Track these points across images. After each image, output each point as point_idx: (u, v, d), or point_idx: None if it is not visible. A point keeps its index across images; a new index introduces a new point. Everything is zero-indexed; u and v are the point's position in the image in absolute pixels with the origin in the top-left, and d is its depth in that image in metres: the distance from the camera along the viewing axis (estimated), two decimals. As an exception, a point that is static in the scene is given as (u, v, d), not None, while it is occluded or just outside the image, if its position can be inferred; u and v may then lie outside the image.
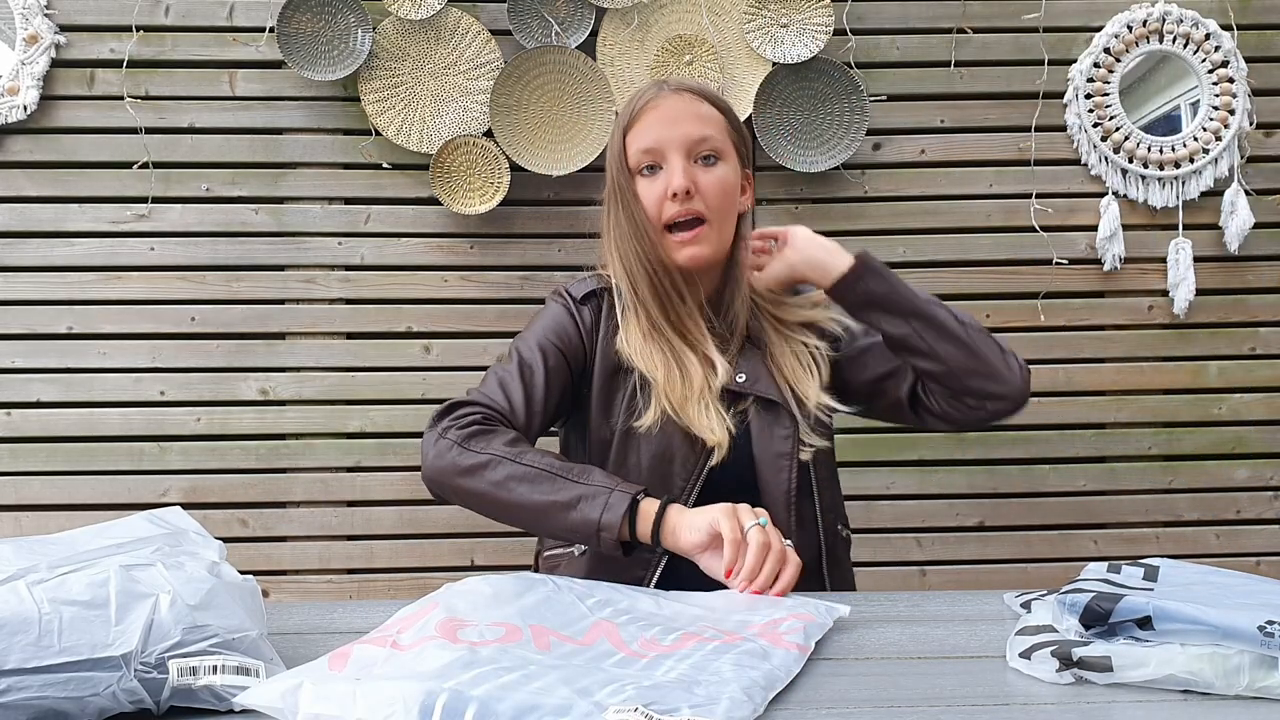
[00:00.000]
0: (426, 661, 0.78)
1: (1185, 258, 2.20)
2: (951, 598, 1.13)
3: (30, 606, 0.76)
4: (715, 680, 0.80)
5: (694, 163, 1.31)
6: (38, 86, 2.14)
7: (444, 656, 0.79)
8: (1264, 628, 0.81)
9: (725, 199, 1.32)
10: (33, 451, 2.17)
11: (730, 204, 1.33)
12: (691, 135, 1.30)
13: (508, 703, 0.72)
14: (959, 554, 2.23)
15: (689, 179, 1.29)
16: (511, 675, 0.77)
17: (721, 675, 0.81)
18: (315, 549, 2.19)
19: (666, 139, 1.30)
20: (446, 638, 0.83)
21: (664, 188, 1.30)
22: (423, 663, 0.78)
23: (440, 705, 0.71)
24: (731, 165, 1.34)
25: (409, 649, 0.81)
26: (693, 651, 0.86)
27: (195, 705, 0.80)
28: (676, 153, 1.30)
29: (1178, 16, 2.19)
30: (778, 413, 1.31)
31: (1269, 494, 2.25)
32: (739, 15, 2.17)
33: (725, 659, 0.85)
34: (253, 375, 2.19)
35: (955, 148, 2.24)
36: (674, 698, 0.75)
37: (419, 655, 0.79)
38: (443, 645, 0.81)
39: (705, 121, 1.32)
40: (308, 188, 2.21)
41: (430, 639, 0.82)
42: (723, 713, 0.74)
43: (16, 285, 2.17)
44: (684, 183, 1.28)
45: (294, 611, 1.10)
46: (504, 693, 0.74)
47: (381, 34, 2.15)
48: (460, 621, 0.86)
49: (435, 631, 0.84)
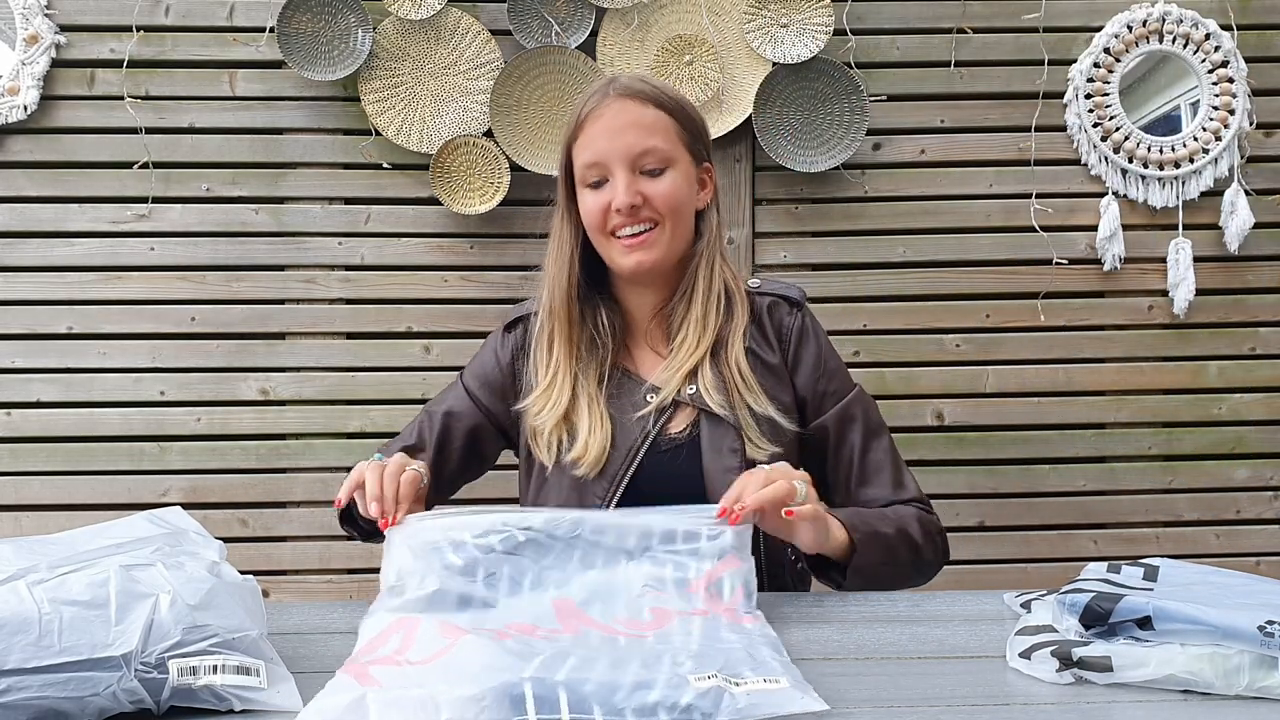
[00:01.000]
0: (472, 661, 0.79)
1: (1185, 258, 2.20)
2: (951, 598, 1.13)
3: (30, 606, 0.76)
4: (742, 649, 0.85)
5: (639, 175, 1.26)
6: (38, 86, 2.14)
7: (484, 654, 0.80)
8: (1264, 628, 0.81)
9: (675, 205, 1.28)
10: (33, 451, 2.17)
11: (682, 209, 1.29)
12: (634, 148, 1.25)
13: (591, 684, 0.75)
14: (959, 554, 2.22)
15: (633, 194, 1.25)
16: (570, 659, 0.79)
17: (734, 644, 0.86)
18: (315, 549, 2.19)
19: (609, 152, 1.26)
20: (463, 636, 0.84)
21: (608, 201, 1.26)
22: (470, 662, 0.79)
23: (530, 695, 0.73)
24: (682, 169, 1.29)
25: (434, 659, 0.81)
26: (681, 626, 0.89)
27: (195, 705, 0.80)
28: (620, 166, 1.25)
29: (1178, 16, 2.19)
30: (726, 426, 1.26)
31: (1269, 494, 2.25)
32: (739, 15, 2.17)
33: (721, 632, 0.88)
34: (253, 375, 2.19)
35: (955, 148, 2.24)
36: (735, 663, 0.81)
37: (456, 658, 0.80)
38: (473, 641, 0.82)
39: (649, 131, 1.26)
40: (308, 188, 2.21)
41: (453, 640, 0.83)
42: (786, 675, 0.80)
43: (16, 285, 2.17)
44: (628, 200, 1.24)
45: (294, 611, 1.10)
46: (583, 674, 0.76)
47: (381, 34, 2.15)
48: (458, 628, 0.87)
49: (447, 638, 0.84)
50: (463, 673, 0.77)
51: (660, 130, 1.27)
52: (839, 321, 2.18)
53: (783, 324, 1.34)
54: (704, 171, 1.34)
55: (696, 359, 1.28)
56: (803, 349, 1.33)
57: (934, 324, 2.23)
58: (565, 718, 0.73)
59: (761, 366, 1.30)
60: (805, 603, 1.13)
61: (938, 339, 2.23)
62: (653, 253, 1.27)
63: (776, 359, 1.32)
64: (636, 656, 0.82)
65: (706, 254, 1.32)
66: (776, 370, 1.31)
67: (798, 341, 1.33)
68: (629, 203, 1.24)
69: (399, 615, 0.90)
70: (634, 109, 1.26)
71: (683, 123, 1.30)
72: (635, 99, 1.27)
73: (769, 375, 1.30)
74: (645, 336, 1.35)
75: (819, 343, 1.35)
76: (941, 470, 2.22)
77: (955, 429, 2.23)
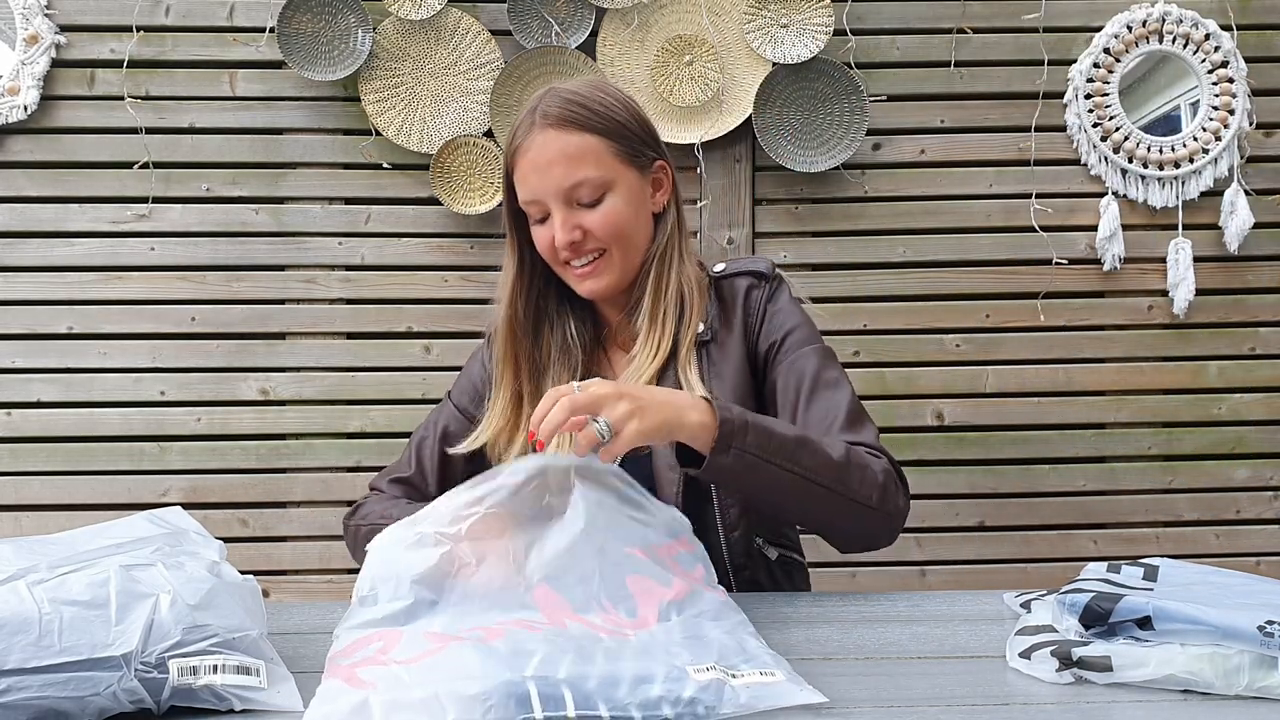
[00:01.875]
0: (468, 661, 0.79)
1: (1185, 258, 2.20)
2: (951, 598, 1.13)
3: (30, 606, 0.76)
4: (731, 640, 0.86)
5: (576, 207, 1.24)
6: (38, 86, 2.14)
7: (477, 655, 0.79)
8: (1264, 628, 0.81)
9: (617, 231, 1.26)
10: (33, 451, 2.17)
11: (627, 231, 1.27)
12: (564, 184, 1.23)
13: (593, 680, 0.75)
14: (959, 554, 2.23)
15: (570, 230, 1.24)
16: (568, 656, 0.79)
17: (720, 636, 0.87)
18: (315, 549, 2.19)
19: (542, 190, 1.24)
20: (450, 642, 0.83)
21: (551, 238, 1.25)
22: (466, 662, 0.79)
23: (535, 694, 0.74)
24: (622, 189, 1.25)
25: (421, 659, 0.80)
26: (662, 627, 0.89)
27: (195, 705, 0.80)
28: (555, 202, 1.24)
29: (1178, 17, 2.19)
30: None
31: (1269, 494, 2.25)
32: (739, 15, 2.17)
33: (704, 625, 0.90)
34: (253, 375, 2.19)
35: (955, 148, 2.24)
36: (728, 654, 0.83)
37: (449, 659, 0.80)
38: (464, 647, 0.81)
39: (577, 162, 1.22)
40: (308, 188, 2.21)
41: (440, 645, 0.82)
42: (778, 668, 0.82)
43: (16, 285, 2.17)
44: (567, 237, 1.23)
45: (294, 611, 1.10)
46: (583, 670, 0.76)
47: (382, 34, 2.15)
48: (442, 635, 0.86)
49: (432, 643, 0.83)
50: (462, 672, 0.77)
51: (590, 157, 1.23)
52: (839, 321, 2.18)
53: (751, 301, 1.31)
54: (657, 171, 1.31)
55: (657, 364, 1.26)
56: (767, 318, 1.31)
57: (934, 324, 2.23)
58: (571, 714, 0.73)
59: (727, 357, 1.28)
60: (805, 602, 1.13)
61: (938, 339, 2.23)
62: (602, 280, 1.27)
63: (740, 343, 1.29)
64: (627, 650, 0.82)
65: (661, 256, 1.30)
66: (743, 354, 1.29)
67: (763, 313, 1.31)
68: (568, 240, 1.24)
69: (377, 630, 0.88)
70: (559, 140, 1.23)
71: (617, 139, 1.25)
72: (560, 128, 1.23)
73: (738, 362, 1.28)
74: (618, 339, 1.35)
75: (780, 305, 1.32)
76: (941, 470, 2.22)
77: (955, 429, 2.23)
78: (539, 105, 1.25)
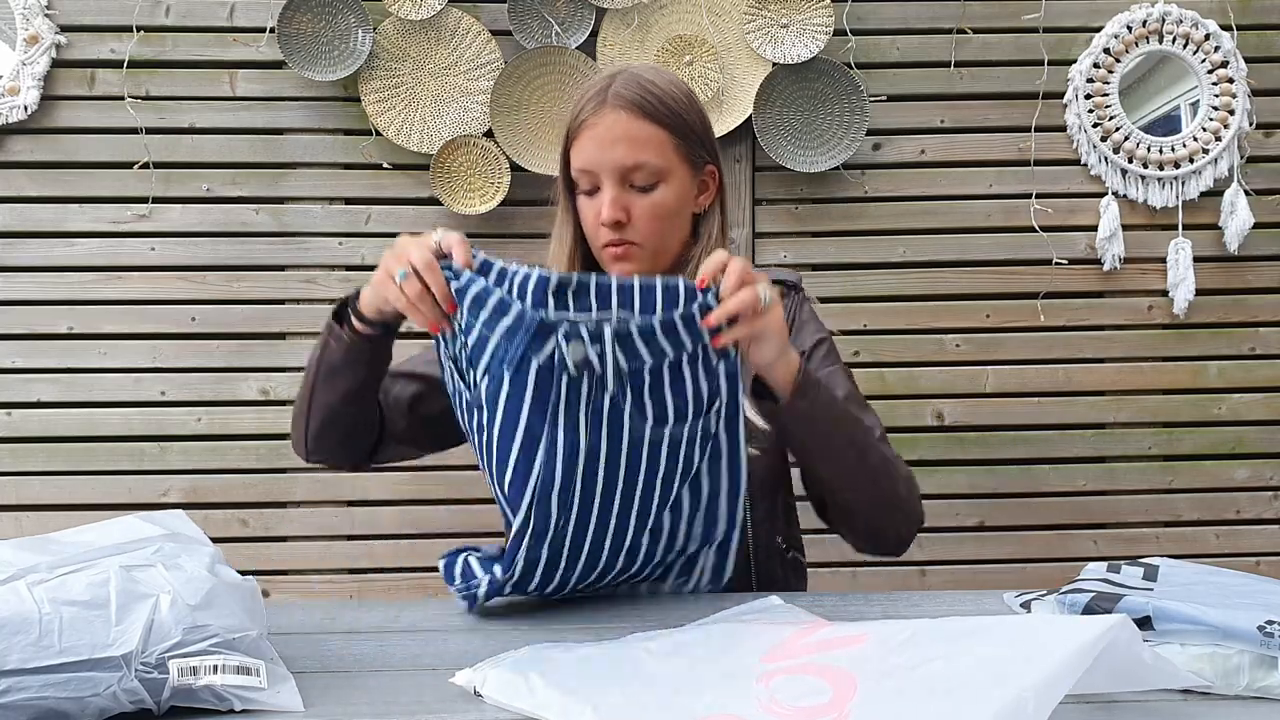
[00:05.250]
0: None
1: (1185, 258, 2.20)
2: (951, 598, 1.13)
3: (30, 606, 0.76)
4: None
5: (628, 189, 1.25)
6: (38, 87, 2.14)
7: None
8: (1264, 628, 0.81)
9: (659, 224, 1.27)
10: (33, 451, 2.17)
11: (667, 225, 1.28)
12: (624, 163, 1.24)
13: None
14: (959, 554, 2.23)
15: (619, 209, 1.24)
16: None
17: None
18: (315, 549, 2.20)
19: (600, 164, 1.25)
20: None
21: (598, 211, 1.26)
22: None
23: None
24: (674, 183, 1.27)
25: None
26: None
27: (195, 705, 0.80)
28: (609, 179, 1.25)
29: (1177, 17, 2.19)
30: None
31: (1269, 494, 2.25)
32: (739, 15, 2.17)
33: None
34: (253, 375, 2.19)
35: (955, 148, 2.24)
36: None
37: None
38: None
39: (641, 146, 1.24)
40: (308, 188, 2.21)
41: None
42: None
43: (16, 285, 2.17)
44: (613, 215, 1.24)
45: (294, 611, 1.10)
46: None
47: (382, 34, 2.15)
48: None
49: None
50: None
51: (654, 146, 1.25)
52: (839, 321, 2.18)
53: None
54: (706, 175, 1.33)
55: None
56: (796, 328, 1.34)
57: (934, 324, 2.23)
58: None
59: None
60: (804, 602, 1.13)
61: (938, 339, 2.23)
62: (630, 265, 1.27)
63: None
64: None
65: (700, 259, 1.30)
66: None
67: (793, 321, 1.34)
68: (613, 218, 1.24)
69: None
70: (628, 123, 1.24)
71: (681, 134, 1.27)
72: (631, 112, 1.24)
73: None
74: None
75: (807, 317, 1.37)
76: (941, 470, 2.22)
77: (955, 429, 2.23)
78: (612, 85, 1.26)
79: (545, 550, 1.05)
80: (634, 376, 1.03)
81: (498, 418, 1.05)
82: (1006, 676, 0.69)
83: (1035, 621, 0.81)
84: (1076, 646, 0.70)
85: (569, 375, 1.02)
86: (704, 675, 0.82)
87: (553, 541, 1.05)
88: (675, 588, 1.18)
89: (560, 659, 0.87)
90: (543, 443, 1.03)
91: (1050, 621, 0.78)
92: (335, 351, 1.27)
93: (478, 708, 0.82)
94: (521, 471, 1.05)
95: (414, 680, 0.89)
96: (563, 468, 1.03)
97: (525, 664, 0.85)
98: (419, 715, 0.81)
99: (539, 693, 0.80)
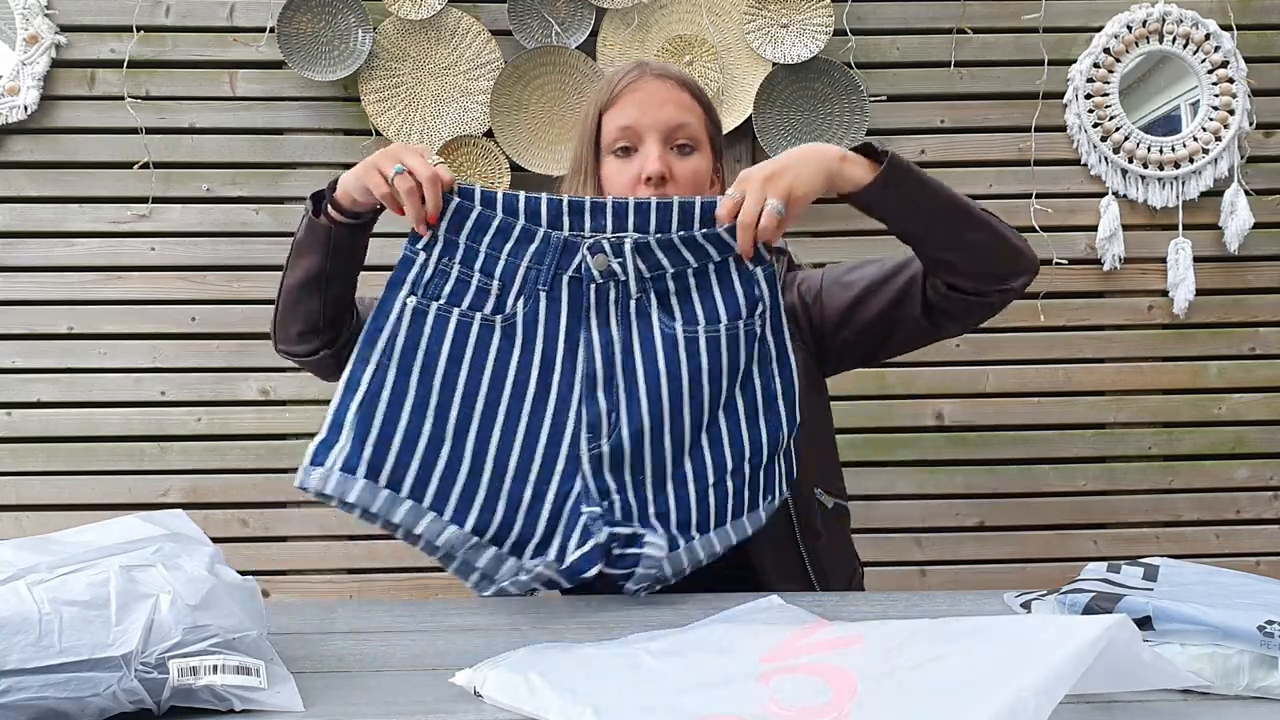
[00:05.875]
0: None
1: (1185, 258, 2.20)
2: (951, 598, 1.13)
3: (30, 606, 0.76)
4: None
5: (670, 149, 1.29)
6: (38, 87, 2.14)
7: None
8: (1264, 628, 0.81)
9: (697, 190, 1.30)
10: (33, 451, 2.17)
11: (699, 193, 1.31)
12: (671, 121, 1.29)
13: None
14: (958, 554, 2.23)
15: (664, 164, 1.27)
16: None
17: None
18: (315, 549, 2.19)
19: (645, 122, 1.28)
20: None
21: (638, 170, 1.28)
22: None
23: None
24: (706, 157, 1.33)
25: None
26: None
27: (195, 705, 0.80)
28: (654, 137, 1.28)
29: (1178, 17, 2.19)
30: None
31: (1269, 494, 2.25)
32: (739, 15, 2.17)
33: None
34: (253, 375, 2.19)
35: (955, 148, 2.24)
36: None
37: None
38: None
39: (685, 109, 1.32)
40: (308, 188, 2.16)
41: None
42: None
43: (16, 285, 2.17)
44: (659, 168, 1.26)
45: (294, 611, 1.10)
46: None
47: (382, 34, 2.15)
48: None
49: None
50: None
51: (694, 113, 1.32)
52: (839, 321, 2.18)
53: (800, 285, 1.41)
54: (716, 171, 1.38)
55: None
56: (791, 286, 1.43)
57: (934, 324, 2.23)
58: None
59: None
60: (804, 603, 1.13)
61: (938, 339, 2.23)
62: None
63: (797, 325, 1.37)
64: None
65: None
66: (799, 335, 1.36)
67: (785, 284, 1.40)
68: (658, 171, 1.26)
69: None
70: (673, 89, 1.32)
71: (710, 116, 1.35)
72: (673, 81, 1.32)
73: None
74: None
75: (798, 277, 1.45)
76: (941, 470, 2.22)
77: (955, 429, 2.23)
78: (648, 63, 1.35)
79: (606, 446, 1.12)
80: (656, 282, 1.13)
81: (538, 336, 1.14)
82: (1006, 676, 0.69)
83: (1035, 622, 0.81)
84: (1076, 646, 0.70)
85: (596, 284, 1.12)
86: (704, 675, 0.82)
87: (613, 438, 1.12)
88: (766, 507, 1.21)
89: (560, 659, 0.87)
90: (581, 343, 1.13)
91: (1050, 621, 0.78)
92: (301, 233, 1.31)
93: (478, 708, 0.82)
94: (568, 377, 1.13)
95: (414, 680, 0.89)
96: (603, 360, 1.12)
97: (525, 664, 0.85)
98: (419, 715, 0.81)
99: (539, 693, 0.80)
